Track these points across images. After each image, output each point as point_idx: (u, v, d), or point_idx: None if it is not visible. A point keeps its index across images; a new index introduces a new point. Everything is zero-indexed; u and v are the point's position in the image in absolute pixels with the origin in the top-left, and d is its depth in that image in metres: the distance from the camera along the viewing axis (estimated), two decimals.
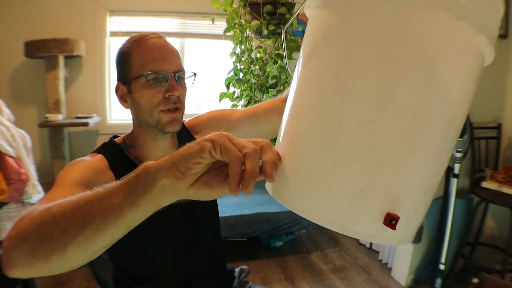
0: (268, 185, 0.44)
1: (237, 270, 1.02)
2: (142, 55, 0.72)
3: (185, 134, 0.87)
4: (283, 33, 0.62)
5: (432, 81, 0.36)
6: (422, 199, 0.41)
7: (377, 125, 0.36)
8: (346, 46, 0.38)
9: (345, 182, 0.37)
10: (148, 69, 0.70)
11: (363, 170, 0.37)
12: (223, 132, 0.38)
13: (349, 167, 0.37)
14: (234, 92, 2.06)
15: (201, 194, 0.39)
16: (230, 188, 0.36)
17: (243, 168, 0.36)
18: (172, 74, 0.72)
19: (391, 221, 0.37)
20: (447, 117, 0.38)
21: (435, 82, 0.36)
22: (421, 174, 0.39)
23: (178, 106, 0.74)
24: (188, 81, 0.79)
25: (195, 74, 0.80)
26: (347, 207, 0.38)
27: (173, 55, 0.74)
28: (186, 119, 0.91)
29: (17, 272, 0.41)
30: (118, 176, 0.68)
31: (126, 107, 0.77)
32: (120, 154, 0.76)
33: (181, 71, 0.75)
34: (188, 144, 0.38)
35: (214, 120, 0.91)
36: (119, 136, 0.83)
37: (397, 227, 0.37)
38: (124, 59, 0.74)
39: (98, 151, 0.75)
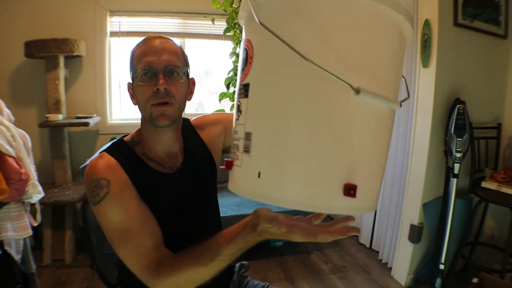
0: (234, 184, 0.50)
1: (237, 265, 1.03)
2: (138, 54, 0.77)
3: (190, 131, 0.92)
4: None
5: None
6: (373, 167, 0.47)
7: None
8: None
9: (301, 164, 0.43)
10: (139, 66, 0.75)
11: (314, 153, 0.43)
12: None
13: (302, 152, 0.43)
14: (234, 92, 2.06)
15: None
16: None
17: None
18: (161, 69, 0.74)
19: (349, 191, 0.42)
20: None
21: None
22: (367, 144, 0.45)
23: (167, 101, 0.75)
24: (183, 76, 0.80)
25: (184, 67, 0.80)
26: (309, 186, 0.43)
27: (163, 51, 0.76)
28: (193, 118, 0.98)
29: None
30: (130, 175, 0.75)
31: (135, 104, 0.81)
32: (129, 152, 0.80)
33: (172, 66, 0.76)
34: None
35: (219, 122, 0.97)
36: (125, 136, 0.86)
37: (357, 195, 0.42)
38: (130, 59, 0.80)
39: (108, 151, 0.79)
